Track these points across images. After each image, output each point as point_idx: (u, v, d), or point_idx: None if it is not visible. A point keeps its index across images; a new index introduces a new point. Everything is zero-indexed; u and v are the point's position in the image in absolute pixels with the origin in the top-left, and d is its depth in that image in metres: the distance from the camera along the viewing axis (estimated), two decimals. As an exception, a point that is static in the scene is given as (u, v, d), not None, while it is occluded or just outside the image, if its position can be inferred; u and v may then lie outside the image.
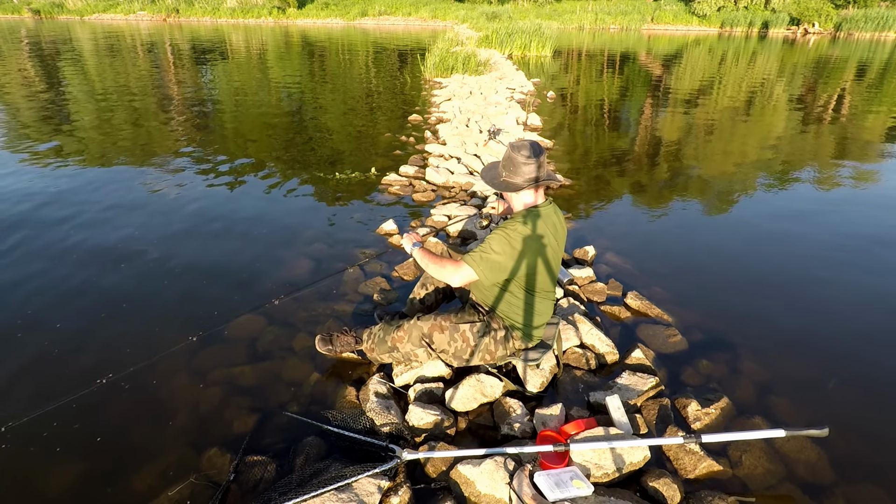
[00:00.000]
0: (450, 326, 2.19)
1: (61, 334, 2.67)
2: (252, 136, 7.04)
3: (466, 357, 2.21)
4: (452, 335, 2.18)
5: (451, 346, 2.19)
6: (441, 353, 2.23)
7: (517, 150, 2.03)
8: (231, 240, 3.81)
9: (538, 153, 2.02)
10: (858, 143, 7.23)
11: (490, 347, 2.20)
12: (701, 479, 1.92)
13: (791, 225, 4.33)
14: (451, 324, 2.19)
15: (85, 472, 1.92)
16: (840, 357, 2.64)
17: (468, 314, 2.24)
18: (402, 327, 2.25)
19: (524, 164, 2.00)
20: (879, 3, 32.85)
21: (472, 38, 18.98)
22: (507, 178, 2.06)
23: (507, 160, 2.06)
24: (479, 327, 2.19)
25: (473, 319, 2.21)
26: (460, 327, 2.18)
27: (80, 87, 10.31)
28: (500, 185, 2.08)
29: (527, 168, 2.01)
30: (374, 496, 1.73)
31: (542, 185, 2.07)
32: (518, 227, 2.00)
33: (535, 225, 2.01)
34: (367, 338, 2.35)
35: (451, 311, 2.30)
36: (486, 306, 2.26)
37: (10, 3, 39.93)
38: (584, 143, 7.04)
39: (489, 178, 2.14)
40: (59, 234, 3.78)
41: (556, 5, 39.08)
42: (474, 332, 2.18)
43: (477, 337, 2.18)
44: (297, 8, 39.58)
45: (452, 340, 2.19)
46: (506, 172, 2.07)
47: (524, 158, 2.00)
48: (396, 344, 2.26)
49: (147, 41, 21.42)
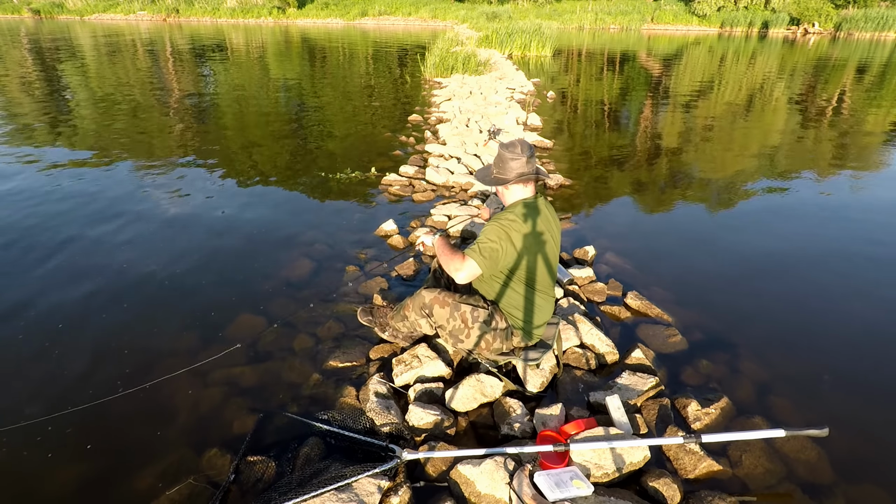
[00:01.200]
0: (451, 303, 2.23)
1: (61, 335, 2.67)
2: (252, 136, 7.04)
3: (463, 338, 2.23)
4: (453, 313, 2.22)
5: (449, 322, 2.23)
6: (439, 329, 2.28)
7: (506, 148, 2.16)
8: (231, 240, 3.81)
9: (526, 150, 2.14)
10: (859, 143, 7.23)
11: (487, 337, 2.21)
12: (701, 479, 1.92)
13: (791, 225, 4.33)
14: (454, 301, 2.23)
15: (85, 473, 1.91)
16: (840, 357, 2.64)
17: (472, 298, 2.28)
18: (412, 295, 2.36)
19: (513, 160, 2.13)
20: (879, 3, 32.84)
21: (472, 38, 18.98)
22: (498, 174, 2.18)
23: (497, 158, 2.19)
24: (481, 314, 2.21)
25: (477, 304, 2.24)
26: (461, 307, 2.22)
27: (79, 87, 10.31)
28: (491, 182, 2.21)
29: (515, 164, 2.13)
30: (374, 496, 1.73)
31: (531, 181, 2.18)
32: (509, 216, 2.10)
33: (527, 215, 2.12)
34: (392, 317, 2.50)
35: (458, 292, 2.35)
36: (486, 297, 2.29)
37: (10, 3, 39.93)
38: (584, 142, 7.04)
39: (482, 176, 2.27)
40: (59, 235, 3.78)
41: (556, 5, 39.08)
42: (474, 317, 2.21)
43: (476, 321, 2.20)
44: (297, 8, 39.58)
45: (451, 318, 2.22)
46: (496, 170, 2.20)
47: (513, 155, 2.13)
48: (405, 312, 2.37)
49: (147, 41, 21.42)
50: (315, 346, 2.60)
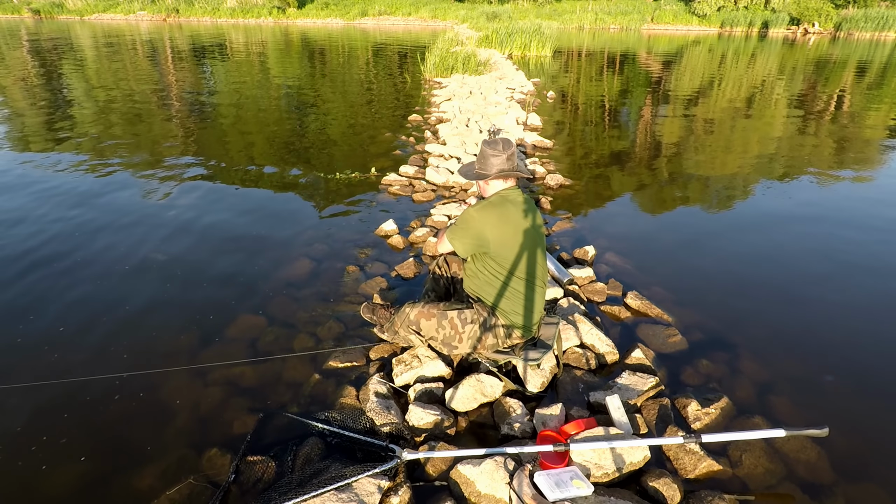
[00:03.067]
0: (437, 314, 2.27)
1: (62, 335, 2.68)
2: (252, 136, 7.04)
3: (455, 343, 2.27)
4: (440, 322, 2.26)
5: (439, 332, 2.27)
6: (430, 341, 2.31)
7: (489, 144, 2.24)
8: (231, 240, 3.81)
9: (507, 148, 2.22)
10: (859, 142, 7.23)
11: (479, 335, 2.24)
12: (701, 479, 1.92)
13: (792, 224, 4.33)
14: (439, 311, 2.27)
15: (85, 473, 1.91)
16: (841, 357, 2.64)
17: (456, 302, 2.34)
18: (399, 312, 2.39)
19: (493, 156, 2.20)
20: (879, 3, 32.84)
21: (472, 37, 18.98)
22: (480, 169, 2.26)
23: (480, 154, 2.27)
24: (467, 314, 2.25)
25: (461, 307, 2.29)
26: (448, 314, 2.26)
27: (79, 87, 10.31)
28: (472, 176, 2.28)
29: (496, 160, 2.21)
30: (374, 496, 1.73)
31: (511, 177, 2.25)
32: (484, 204, 2.21)
33: (502, 203, 2.19)
34: (388, 323, 2.50)
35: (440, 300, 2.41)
36: (474, 295, 2.32)
37: (10, 3, 39.92)
38: (583, 142, 7.04)
39: (465, 171, 2.35)
40: (59, 235, 3.78)
41: (556, 5, 39.07)
42: (462, 319, 2.24)
43: (465, 324, 2.24)
44: (297, 8, 39.58)
45: (440, 328, 2.26)
46: (478, 165, 2.27)
47: (494, 152, 2.21)
48: (396, 328, 2.40)
49: (147, 41, 21.42)
50: (315, 346, 2.60)
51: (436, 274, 2.66)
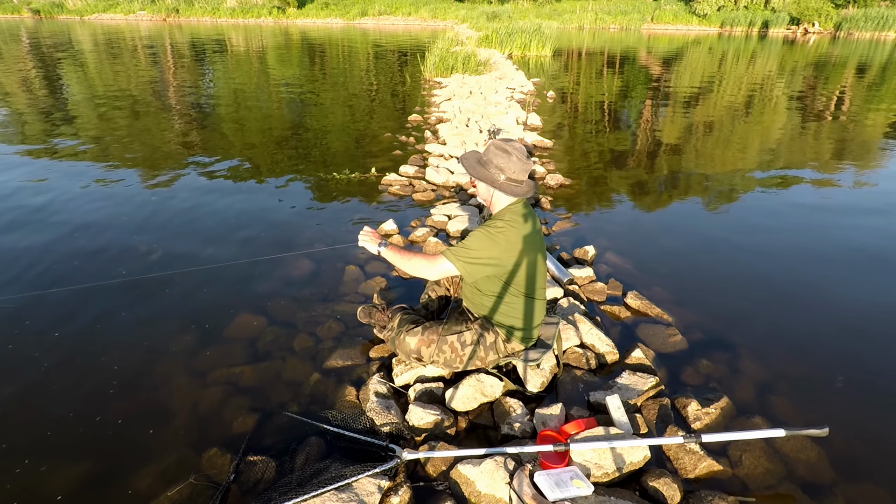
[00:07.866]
0: (437, 339, 2.21)
1: (62, 335, 2.67)
2: (252, 136, 7.04)
3: (457, 365, 2.24)
4: (441, 347, 2.21)
5: (440, 356, 2.22)
6: (432, 363, 2.27)
7: (507, 148, 2.07)
8: (231, 240, 3.81)
9: (525, 155, 2.10)
10: (859, 142, 7.23)
11: (480, 354, 2.21)
12: (701, 479, 1.92)
13: (792, 224, 4.33)
14: (439, 336, 2.22)
15: (85, 473, 1.91)
16: (841, 357, 2.64)
17: (455, 324, 2.25)
18: (398, 337, 2.28)
19: (517, 161, 2.06)
20: (879, 2, 32.84)
21: (472, 37, 18.98)
22: (494, 172, 2.07)
23: (492, 154, 2.09)
24: (467, 336, 2.21)
25: (461, 329, 2.22)
26: (448, 339, 2.21)
27: (79, 87, 10.31)
28: (481, 175, 2.10)
29: (516, 167, 2.06)
30: (374, 496, 1.73)
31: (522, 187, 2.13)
32: (499, 224, 2.05)
33: (517, 223, 2.07)
34: (388, 328, 2.39)
35: (439, 322, 2.30)
36: (475, 313, 2.26)
37: (10, 3, 39.91)
38: (584, 142, 7.04)
39: (469, 163, 2.15)
40: (58, 235, 3.78)
41: (556, 5, 39.07)
42: (462, 342, 2.20)
43: (465, 346, 2.20)
44: (297, 8, 39.58)
45: (440, 352, 2.22)
46: (492, 167, 2.08)
47: (517, 156, 2.06)
48: (397, 349, 2.32)
49: (147, 41, 21.42)
50: (315, 346, 2.61)
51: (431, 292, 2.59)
